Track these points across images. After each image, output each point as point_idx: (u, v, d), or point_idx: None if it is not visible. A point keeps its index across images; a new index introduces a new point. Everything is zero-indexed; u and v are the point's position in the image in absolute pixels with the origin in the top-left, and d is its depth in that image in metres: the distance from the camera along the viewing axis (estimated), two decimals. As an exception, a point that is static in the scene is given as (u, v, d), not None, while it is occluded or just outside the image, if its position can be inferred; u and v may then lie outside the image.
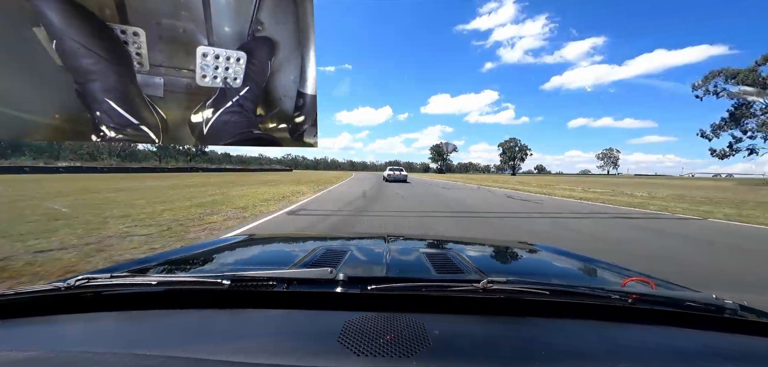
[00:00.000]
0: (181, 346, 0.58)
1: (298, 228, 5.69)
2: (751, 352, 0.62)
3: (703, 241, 4.94)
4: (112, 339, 0.62)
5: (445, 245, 1.46)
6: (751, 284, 3.16)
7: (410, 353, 0.54)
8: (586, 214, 7.63)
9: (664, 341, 0.62)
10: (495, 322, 0.68)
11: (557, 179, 49.31)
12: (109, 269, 0.92)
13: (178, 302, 0.73)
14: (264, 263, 1.22)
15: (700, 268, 3.57)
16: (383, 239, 1.49)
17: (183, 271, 1.05)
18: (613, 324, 0.68)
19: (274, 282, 0.74)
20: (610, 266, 1.18)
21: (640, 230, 5.76)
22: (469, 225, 6.14)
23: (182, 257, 1.19)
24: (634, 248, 4.35)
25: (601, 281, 1.08)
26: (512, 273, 1.12)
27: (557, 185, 23.69)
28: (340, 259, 1.06)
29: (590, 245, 4.50)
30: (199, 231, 4.76)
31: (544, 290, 0.71)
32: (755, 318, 0.71)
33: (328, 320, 0.65)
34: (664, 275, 1.03)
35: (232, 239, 1.62)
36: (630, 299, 0.69)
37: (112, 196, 9.13)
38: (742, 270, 3.49)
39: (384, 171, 27.81)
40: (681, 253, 4.16)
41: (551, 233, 5.41)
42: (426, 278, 0.89)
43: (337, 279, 0.74)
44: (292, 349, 0.56)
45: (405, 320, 0.63)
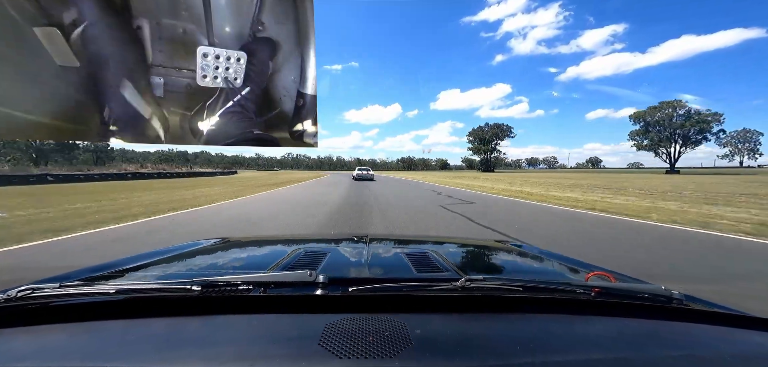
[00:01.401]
0: (144, 357, 0.54)
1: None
2: (695, 339, 0.67)
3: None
4: (61, 354, 0.56)
5: (425, 245, 1.49)
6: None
7: (392, 353, 0.54)
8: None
9: (622, 331, 0.67)
10: (473, 319, 0.69)
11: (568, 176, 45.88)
12: (59, 278, 0.84)
13: (142, 311, 0.67)
14: (239, 267, 1.19)
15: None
16: (363, 239, 1.49)
17: (147, 277, 0.98)
18: (578, 317, 0.71)
19: (250, 286, 0.70)
20: (575, 263, 1.24)
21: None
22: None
23: (145, 262, 1.13)
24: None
25: (567, 277, 1.13)
26: (488, 272, 1.16)
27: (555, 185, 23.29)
28: (320, 261, 1.06)
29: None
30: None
31: (517, 286, 0.74)
32: (699, 307, 0.77)
33: (308, 323, 0.64)
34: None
35: (203, 242, 1.59)
36: (593, 292, 0.74)
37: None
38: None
39: (354, 170, 32.68)
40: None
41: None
42: (406, 278, 0.89)
43: (317, 282, 0.72)
44: (271, 354, 0.54)
45: (386, 320, 0.64)
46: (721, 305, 0.80)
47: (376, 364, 0.51)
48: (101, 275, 0.97)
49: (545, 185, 21.94)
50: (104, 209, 9.23)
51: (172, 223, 7.29)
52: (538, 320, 0.70)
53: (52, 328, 0.63)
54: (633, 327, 0.69)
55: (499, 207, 10.31)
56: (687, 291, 0.82)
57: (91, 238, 5.67)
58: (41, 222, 6.90)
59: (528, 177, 43.27)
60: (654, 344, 0.62)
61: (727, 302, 0.82)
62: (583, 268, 1.13)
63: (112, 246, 5.07)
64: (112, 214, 8.19)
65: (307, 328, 0.62)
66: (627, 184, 23.86)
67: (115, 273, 1.00)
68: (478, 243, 1.78)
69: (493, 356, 0.55)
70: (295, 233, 5.87)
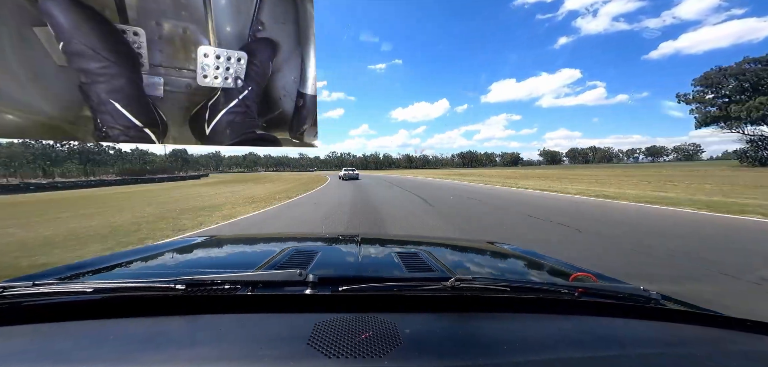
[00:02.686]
0: (124, 358, 0.52)
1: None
2: (672, 337, 0.69)
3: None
4: (34, 356, 0.53)
5: (415, 245, 1.48)
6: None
7: (382, 352, 0.54)
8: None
9: (605, 330, 0.69)
10: (462, 319, 0.70)
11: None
12: (31, 277, 0.81)
13: (122, 311, 0.65)
14: (226, 265, 1.17)
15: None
16: (354, 238, 1.49)
17: (127, 276, 0.95)
18: (563, 317, 0.73)
19: (237, 285, 0.69)
20: (561, 264, 1.27)
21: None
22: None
23: (126, 260, 1.09)
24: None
25: (553, 278, 1.15)
26: (478, 272, 1.17)
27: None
28: (310, 260, 1.04)
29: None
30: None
31: (505, 287, 0.75)
32: (675, 307, 0.80)
33: (297, 322, 0.63)
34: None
35: (188, 240, 1.55)
36: (576, 292, 0.76)
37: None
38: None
39: (341, 171, 33.30)
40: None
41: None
42: (397, 277, 0.90)
43: (307, 281, 0.71)
44: (259, 355, 0.53)
45: (376, 319, 0.63)
46: (695, 304, 0.83)
47: (365, 363, 0.51)
48: (78, 274, 0.93)
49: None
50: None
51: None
52: (525, 319, 0.71)
53: (24, 329, 0.60)
54: (614, 326, 0.71)
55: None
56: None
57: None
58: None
59: (658, 173, 30.29)
60: (634, 342, 0.65)
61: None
62: (568, 269, 1.15)
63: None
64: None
65: (296, 328, 0.61)
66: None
67: (92, 271, 0.96)
68: (468, 244, 1.79)
69: (482, 355, 0.56)
70: (285, 232, 5.79)
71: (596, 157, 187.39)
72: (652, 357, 0.59)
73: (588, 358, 0.57)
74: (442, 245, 1.61)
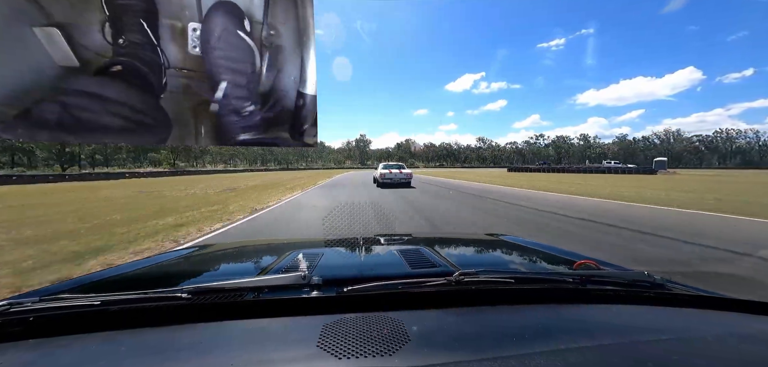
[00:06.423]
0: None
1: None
2: (676, 321, 0.69)
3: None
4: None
5: (417, 241, 1.48)
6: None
7: (392, 351, 0.54)
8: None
9: (609, 317, 0.69)
10: (468, 313, 0.70)
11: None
12: (37, 292, 0.80)
13: (129, 322, 0.65)
14: (230, 273, 1.17)
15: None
16: (356, 239, 1.49)
17: (132, 287, 0.93)
18: (568, 306, 0.73)
19: (242, 292, 0.69)
20: (563, 253, 1.27)
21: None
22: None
23: (130, 272, 1.09)
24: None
25: (557, 267, 1.15)
26: (481, 265, 1.17)
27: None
28: (313, 263, 1.05)
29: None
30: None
31: (509, 279, 0.75)
32: (678, 290, 0.80)
33: (305, 325, 0.63)
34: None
35: (190, 249, 1.55)
36: (581, 280, 0.77)
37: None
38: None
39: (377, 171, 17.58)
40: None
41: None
42: (401, 275, 0.90)
43: (312, 283, 0.71)
44: (268, 359, 0.53)
45: (384, 318, 0.64)
46: (698, 287, 0.83)
47: (376, 363, 0.51)
48: (83, 287, 0.93)
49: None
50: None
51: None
52: (530, 310, 0.71)
53: (32, 344, 0.60)
54: (619, 313, 0.71)
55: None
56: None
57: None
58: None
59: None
60: (639, 328, 0.65)
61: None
62: (571, 257, 1.15)
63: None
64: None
65: (304, 330, 0.61)
66: None
67: (97, 285, 0.96)
68: (470, 237, 1.79)
69: (489, 347, 0.56)
70: (286, 238, 5.80)
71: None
72: (659, 342, 0.58)
73: (597, 346, 0.56)
74: (443, 240, 1.61)
